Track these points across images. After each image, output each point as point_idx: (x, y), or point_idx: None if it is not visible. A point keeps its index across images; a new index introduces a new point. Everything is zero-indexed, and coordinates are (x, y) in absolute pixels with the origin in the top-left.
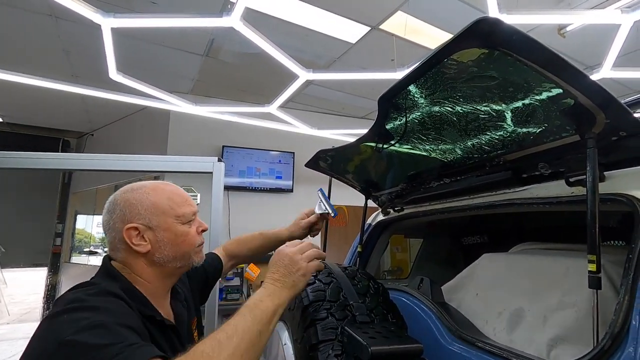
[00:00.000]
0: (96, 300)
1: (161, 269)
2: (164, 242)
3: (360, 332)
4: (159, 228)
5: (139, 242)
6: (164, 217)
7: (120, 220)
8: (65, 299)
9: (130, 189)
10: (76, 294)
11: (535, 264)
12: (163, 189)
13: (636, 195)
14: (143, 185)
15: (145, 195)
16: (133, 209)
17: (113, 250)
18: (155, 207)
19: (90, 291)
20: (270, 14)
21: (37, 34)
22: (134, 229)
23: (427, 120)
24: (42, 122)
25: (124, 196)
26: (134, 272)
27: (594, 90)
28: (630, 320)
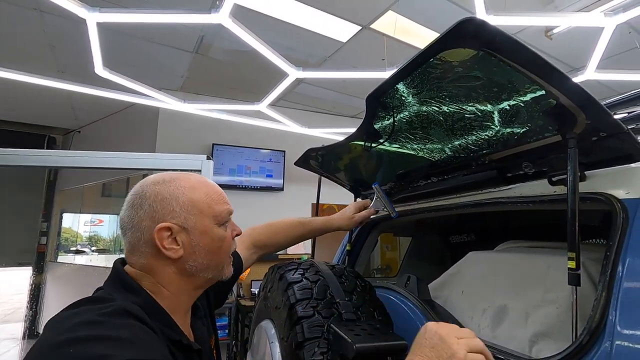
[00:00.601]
0: (113, 326)
1: (191, 279)
2: (199, 247)
3: (345, 329)
4: (194, 230)
5: (171, 245)
6: (201, 217)
7: (150, 217)
8: (70, 321)
9: (162, 180)
10: (86, 315)
11: (519, 262)
12: (199, 182)
13: (614, 195)
14: (176, 177)
15: (181, 189)
16: (166, 205)
17: (133, 254)
18: (193, 204)
19: (104, 310)
20: (261, 11)
21: (21, 28)
22: (167, 229)
23: (415, 119)
24: (27, 118)
25: (154, 189)
26: (158, 282)
27: (575, 91)
28: (607, 315)
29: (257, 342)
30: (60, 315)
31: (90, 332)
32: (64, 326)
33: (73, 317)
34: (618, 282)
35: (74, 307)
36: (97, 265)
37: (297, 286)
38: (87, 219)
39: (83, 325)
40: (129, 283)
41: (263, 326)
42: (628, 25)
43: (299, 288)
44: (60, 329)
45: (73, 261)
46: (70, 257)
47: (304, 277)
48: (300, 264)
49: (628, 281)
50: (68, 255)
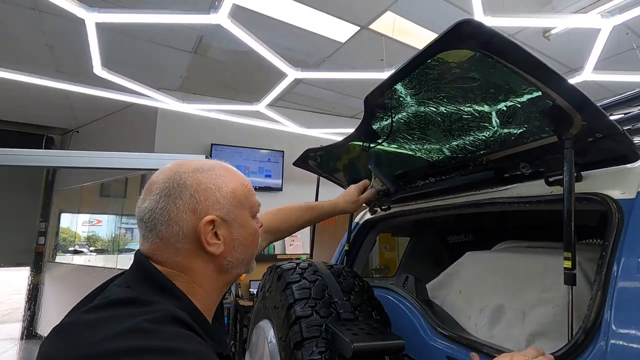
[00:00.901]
0: (167, 335)
1: (224, 276)
2: (238, 241)
3: (343, 329)
4: (234, 223)
5: (213, 240)
6: (241, 208)
7: (191, 209)
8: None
9: (201, 167)
10: (129, 322)
11: (516, 262)
12: (234, 171)
13: (610, 195)
14: (213, 165)
15: (222, 178)
16: (210, 195)
17: (165, 250)
18: (234, 195)
19: (151, 316)
20: (260, 11)
21: (19, 27)
22: (210, 222)
23: (413, 120)
24: (25, 118)
25: (195, 177)
26: (193, 281)
27: (571, 93)
28: (603, 315)
29: (256, 342)
30: (87, 319)
31: (143, 342)
32: (101, 333)
33: (109, 322)
34: (613, 281)
35: (99, 310)
36: (95, 266)
37: (296, 286)
38: (86, 219)
39: (130, 334)
40: (164, 284)
41: (262, 326)
42: (625, 26)
43: (298, 288)
44: (95, 337)
45: (71, 261)
46: (69, 257)
47: (302, 277)
48: (298, 264)
49: (623, 281)
50: (66, 256)
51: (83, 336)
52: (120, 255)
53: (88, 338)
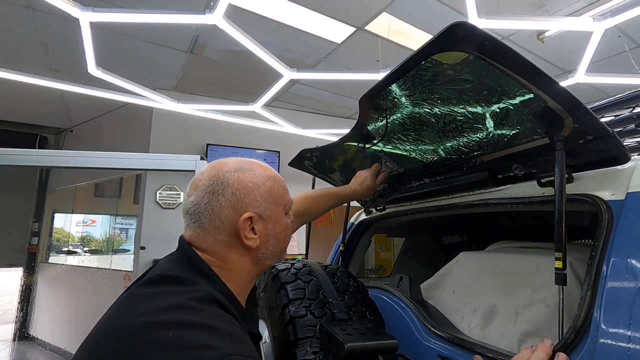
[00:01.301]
0: (208, 314)
1: (258, 266)
2: (272, 235)
3: (337, 329)
4: (270, 219)
5: (250, 234)
6: (276, 206)
7: (232, 205)
8: (155, 301)
9: (241, 167)
10: (174, 298)
11: (509, 262)
12: (270, 170)
13: (600, 196)
14: (252, 165)
15: (260, 177)
16: (249, 193)
17: (206, 240)
18: (270, 193)
19: (193, 295)
20: (256, 12)
21: (13, 26)
22: (249, 218)
23: (407, 121)
24: (18, 117)
25: (237, 176)
26: (230, 269)
27: (562, 95)
28: (592, 314)
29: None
30: (136, 292)
31: (185, 316)
32: (150, 306)
33: (156, 297)
34: (603, 281)
35: (152, 285)
36: (89, 266)
37: (290, 286)
38: (80, 219)
39: (178, 309)
40: (203, 268)
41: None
42: (618, 29)
43: (292, 288)
44: (146, 309)
45: (65, 262)
46: (62, 258)
47: (297, 278)
48: (293, 264)
49: (612, 281)
50: (60, 256)
51: (140, 306)
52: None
53: (145, 308)
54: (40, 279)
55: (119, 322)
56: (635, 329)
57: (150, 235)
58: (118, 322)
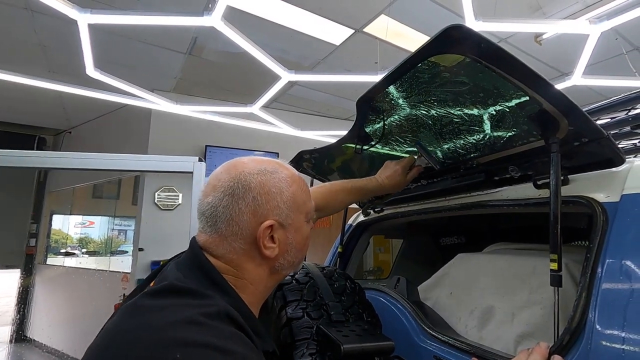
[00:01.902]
0: (222, 334)
1: (275, 276)
2: (292, 245)
3: (334, 330)
4: (291, 227)
5: (269, 243)
6: (298, 213)
7: (252, 211)
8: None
9: (264, 170)
10: (185, 312)
11: (506, 264)
12: (295, 174)
13: (595, 198)
14: (276, 167)
15: (284, 182)
16: (271, 199)
17: (221, 246)
18: (294, 199)
19: (206, 310)
20: (255, 14)
21: (11, 27)
22: (269, 227)
23: (404, 123)
24: (17, 118)
25: (259, 179)
26: (245, 278)
27: (557, 97)
28: (587, 316)
29: None
30: (143, 303)
31: (197, 336)
32: (157, 319)
33: (167, 310)
34: (597, 283)
35: (159, 296)
36: (88, 268)
37: (287, 288)
38: (78, 221)
39: (186, 325)
40: (216, 278)
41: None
42: (615, 31)
43: (289, 290)
44: (154, 322)
45: (63, 263)
46: (60, 260)
47: (294, 279)
48: None
49: (607, 282)
50: (58, 258)
51: (147, 319)
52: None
53: (151, 321)
54: (37, 280)
55: (125, 336)
56: (630, 330)
57: (149, 237)
58: (124, 336)
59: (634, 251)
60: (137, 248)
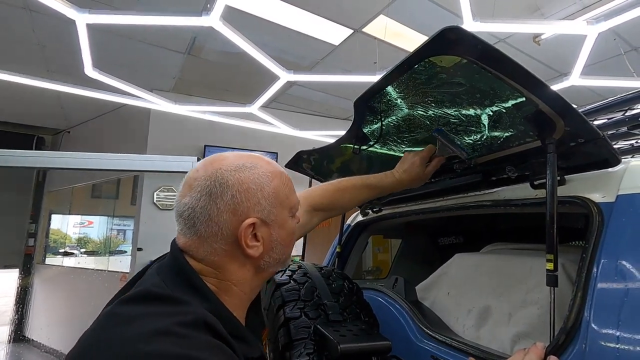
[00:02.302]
0: (198, 345)
1: (261, 275)
2: (277, 242)
3: (331, 330)
4: (274, 224)
5: (252, 242)
6: (281, 209)
7: (232, 210)
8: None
9: (242, 166)
10: (161, 322)
11: (503, 264)
12: (276, 168)
13: (591, 198)
14: (256, 162)
15: (265, 177)
16: (252, 196)
17: (201, 248)
18: (276, 195)
19: (182, 319)
20: (254, 14)
21: (10, 26)
22: (251, 225)
23: (402, 123)
24: (15, 118)
25: (238, 176)
26: (228, 279)
27: (553, 98)
28: (583, 315)
29: None
30: (117, 311)
31: (171, 348)
32: (133, 331)
33: (143, 319)
34: (593, 283)
35: (135, 303)
36: (86, 268)
37: (285, 288)
38: (77, 221)
39: (160, 337)
40: (195, 282)
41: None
42: (613, 32)
43: (287, 290)
44: (124, 335)
45: (61, 263)
46: (59, 259)
47: (292, 279)
48: (288, 266)
49: (602, 282)
50: (56, 257)
51: (118, 330)
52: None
53: (122, 334)
54: (36, 280)
55: (95, 347)
56: (624, 330)
57: (148, 237)
58: (94, 347)
59: (629, 251)
60: (136, 248)
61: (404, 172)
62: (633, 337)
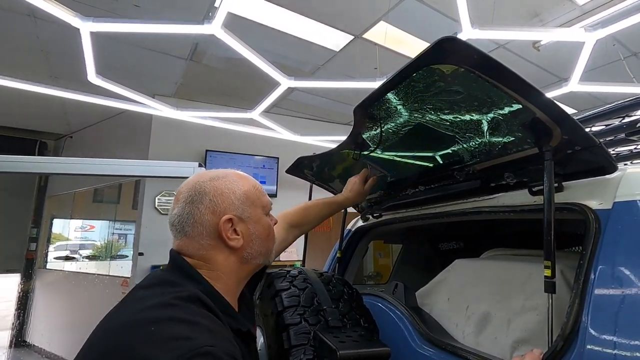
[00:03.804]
0: (190, 311)
1: (246, 266)
2: (255, 235)
3: (331, 336)
4: (250, 220)
5: (233, 235)
6: (254, 207)
7: (211, 211)
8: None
9: (216, 176)
10: (161, 297)
11: (502, 270)
12: (245, 176)
13: (588, 205)
14: (227, 173)
15: (235, 183)
16: (226, 198)
17: (191, 246)
18: (247, 196)
19: (179, 294)
20: (255, 20)
21: (15, 33)
22: (229, 220)
23: (401, 130)
24: (18, 123)
25: (213, 184)
26: (216, 269)
27: (549, 107)
28: (580, 322)
29: None
30: (135, 294)
31: (168, 312)
32: (140, 306)
33: (146, 298)
34: (590, 289)
35: (145, 288)
36: (88, 272)
37: (285, 294)
38: (78, 225)
39: (161, 307)
40: (190, 272)
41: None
42: (613, 38)
43: (287, 295)
44: (136, 308)
45: (63, 268)
46: (60, 264)
47: (292, 285)
48: (289, 272)
49: (599, 288)
50: (58, 262)
51: (133, 306)
52: (112, 262)
53: (133, 309)
54: (37, 285)
55: (112, 322)
56: (621, 336)
57: (149, 241)
58: (111, 321)
59: (625, 258)
60: (137, 252)
61: (350, 191)
62: (630, 343)
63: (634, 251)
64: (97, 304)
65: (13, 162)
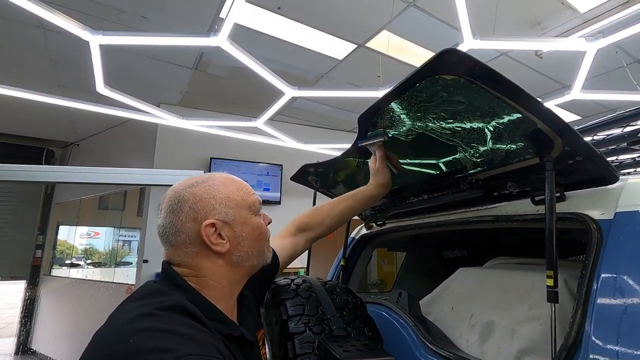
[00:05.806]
0: (172, 321)
1: (238, 269)
2: (243, 237)
3: (335, 345)
4: (235, 222)
5: (217, 240)
6: (239, 209)
7: (192, 218)
8: (131, 312)
9: (195, 182)
10: (145, 308)
11: (506, 279)
12: (228, 179)
13: (590, 215)
14: (207, 177)
15: (215, 187)
16: (206, 203)
17: (178, 255)
18: (229, 199)
19: (162, 304)
20: (260, 30)
21: (24, 44)
22: (211, 225)
23: (404, 139)
24: (26, 131)
25: (191, 191)
26: (205, 276)
27: (550, 118)
28: (583, 331)
29: None
30: (120, 306)
31: (150, 324)
32: (125, 317)
33: (135, 308)
34: (593, 299)
35: (134, 299)
36: (92, 279)
37: (290, 302)
38: (84, 232)
39: (143, 317)
40: (177, 280)
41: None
42: (615, 45)
43: (292, 304)
44: (121, 320)
45: (68, 275)
46: (65, 271)
47: (297, 294)
48: (293, 280)
49: (602, 297)
50: (63, 269)
51: (118, 317)
52: (117, 269)
53: (121, 319)
54: (43, 292)
55: (100, 334)
56: (624, 345)
57: (154, 248)
58: (99, 334)
59: (627, 268)
60: (142, 260)
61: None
62: (633, 352)
63: (636, 261)
64: (101, 312)
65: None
